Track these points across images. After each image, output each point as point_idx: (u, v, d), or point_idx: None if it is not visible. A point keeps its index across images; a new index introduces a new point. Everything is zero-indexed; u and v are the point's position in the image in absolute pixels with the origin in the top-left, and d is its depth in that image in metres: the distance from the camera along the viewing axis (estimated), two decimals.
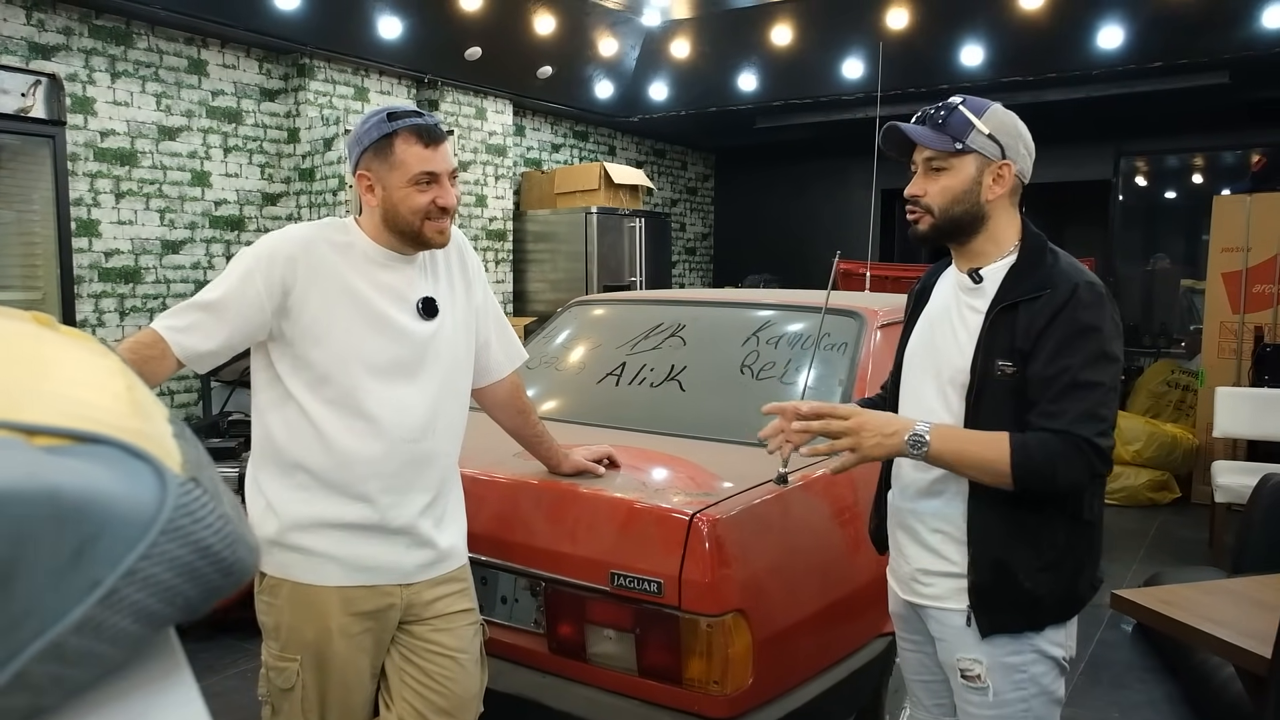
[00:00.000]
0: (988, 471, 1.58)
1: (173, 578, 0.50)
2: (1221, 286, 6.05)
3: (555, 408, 2.89)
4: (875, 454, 1.62)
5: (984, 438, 1.59)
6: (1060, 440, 1.55)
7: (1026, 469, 1.55)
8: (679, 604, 1.87)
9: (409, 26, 5.80)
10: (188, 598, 0.51)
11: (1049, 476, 1.55)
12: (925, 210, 1.71)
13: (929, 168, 1.70)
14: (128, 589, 0.48)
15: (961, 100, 1.70)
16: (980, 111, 1.68)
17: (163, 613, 0.50)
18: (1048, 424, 1.57)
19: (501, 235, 6.90)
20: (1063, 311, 1.60)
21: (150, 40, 5.04)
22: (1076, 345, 1.58)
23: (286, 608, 1.82)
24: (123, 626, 0.48)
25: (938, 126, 1.68)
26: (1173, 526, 5.58)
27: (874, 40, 6.04)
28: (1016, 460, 1.55)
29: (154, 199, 5.12)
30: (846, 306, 2.79)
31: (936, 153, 1.68)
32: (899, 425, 1.62)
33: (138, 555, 0.48)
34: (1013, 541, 1.64)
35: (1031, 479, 1.56)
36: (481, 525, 2.13)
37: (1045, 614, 1.66)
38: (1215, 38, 5.59)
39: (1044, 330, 1.60)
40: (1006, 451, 1.55)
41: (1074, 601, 1.68)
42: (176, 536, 0.50)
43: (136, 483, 0.50)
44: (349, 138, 1.83)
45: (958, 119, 1.67)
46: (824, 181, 8.73)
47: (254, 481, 1.87)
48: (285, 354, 1.80)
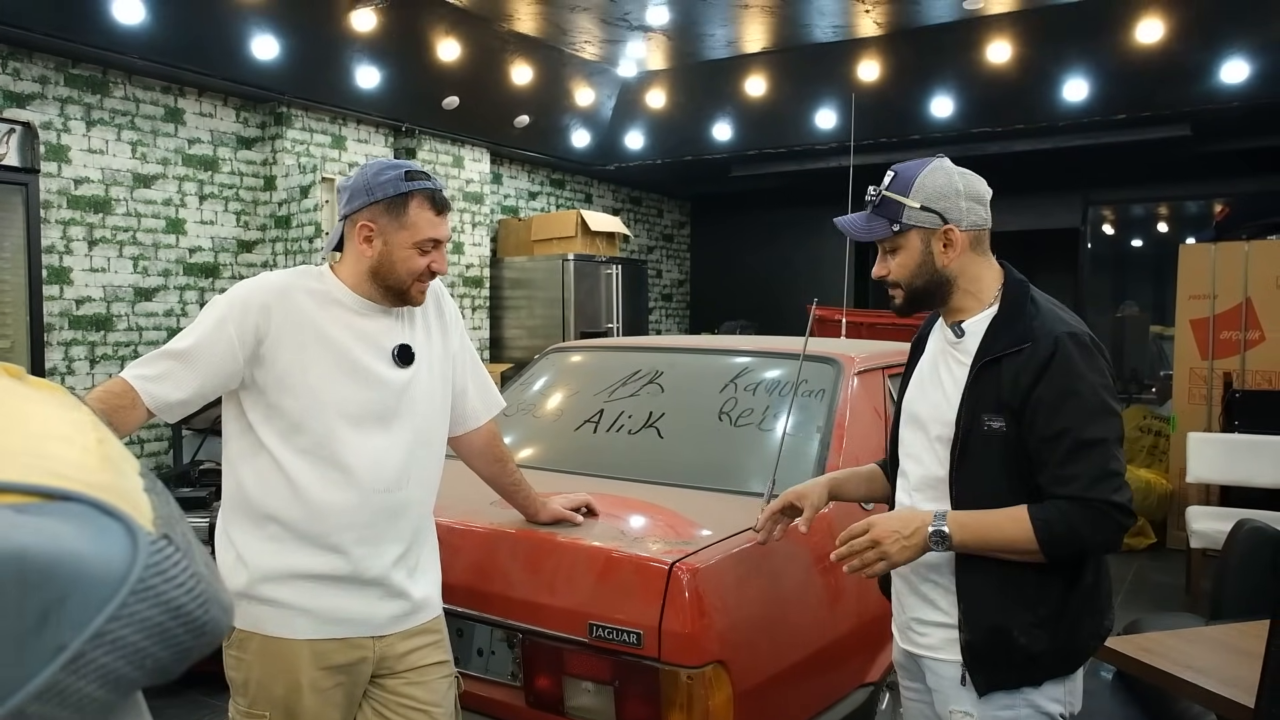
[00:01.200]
0: (1016, 552, 1.59)
1: (142, 640, 0.48)
2: (1190, 333, 6.15)
3: (533, 455, 2.86)
4: (904, 558, 1.63)
5: (1003, 518, 1.59)
6: (1080, 507, 1.54)
7: (1054, 543, 1.55)
8: (659, 655, 1.84)
9: (386, 76, 5.85)
10: (158, 660, 0.49)
11: (1078, 544, 1.56)
12: (895, 286, 1.76)
13: (884, 249, 1.76)
14: (95, 652, 0.46)
15: (890, 180, 1.72)
16: (907, 188, 1.69)
17: (130, 676, 0.48)
18: (1062, 490, 1.56)
19: (478, 282, 6.90)
20: (1049, 368, 1.59)
21: (127, 89, 5.05)
22: (1072, 404, 1.57)
23: (256, 662, 1.78)
24: (88, 692, 0.46)
25: (876, 209, 1.73)
26: (1149, 572, 5.59)
27: (846, 91, 6.16)
28: (1042, 538, 1.55)
29: (127, 246, 5.08)
30: (824, 353, 2.80)
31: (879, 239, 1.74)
32: (915, 524, 1.63)
33: (106, 617, 0.46)
34: (1006, 597, 1.62)
35: (1061, 550, 1.57)
36: (457, 575, 2.09)
37: (1043, 670, 1.63)
38: (1176, 91, 5.76)
39: (1032, 388, 1.59)
40: (1029, 529, 1.55)
41: (1075, 655, 1.65)
42: (147, 597, 0.48)
43: (106, 541, 0.48)
44: (351, 183, 1.82)
45: (888, 204, 1.71)
46: (799, 229, 8.84)
47: (224, 533, 1.84)
48: (258, 403, 1.78)
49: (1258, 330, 5.90)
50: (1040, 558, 1.57)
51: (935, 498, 1.69)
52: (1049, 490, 1.57)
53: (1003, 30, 6.00)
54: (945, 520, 1.59)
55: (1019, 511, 1.57)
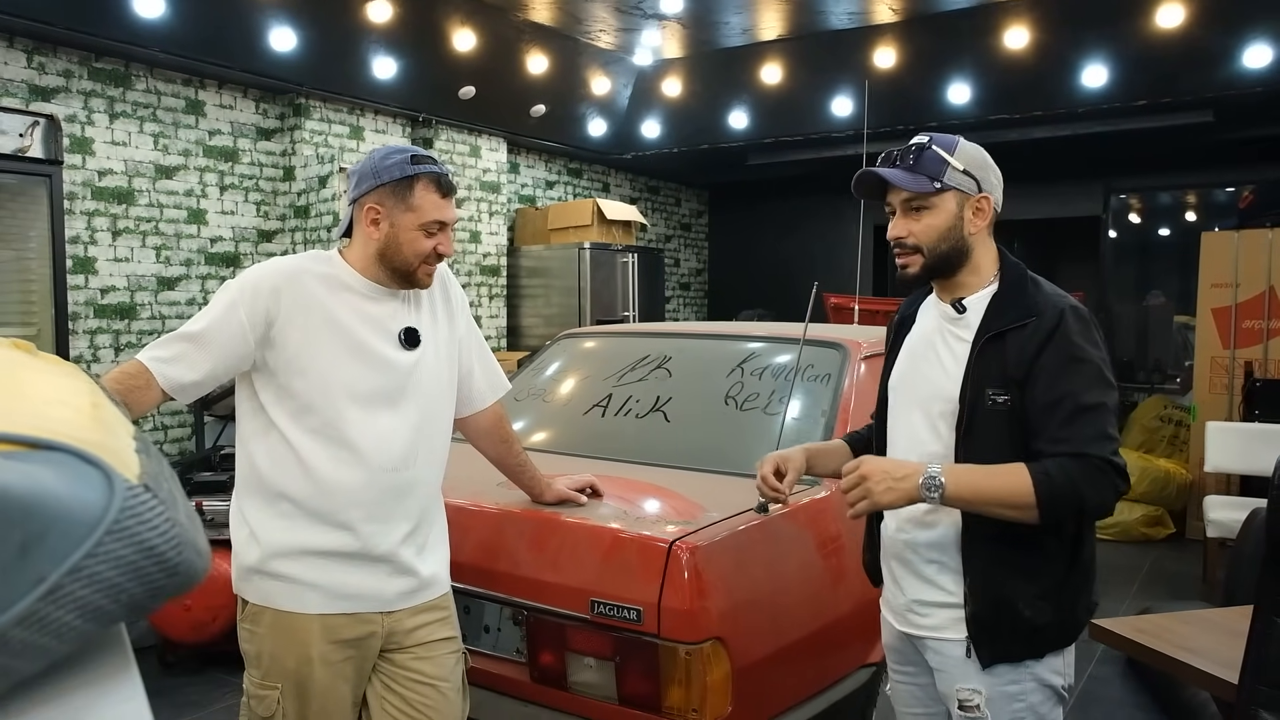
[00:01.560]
0: (1011, 506, 1.55)
1: (117, 576, 0.52)
2: (1212, 322, 6.09)
3: (542, 439, 2.91)
4: (887, 499, 1.59)
5: (999, 472, 1.57)
6: (1079, 463, 1.54)
7: (1052, 497, 1.53)
8: (658, 632, 1.88)
9: (403, 66, 5.90)
10: (132, 595, 0.53)
11: (1076, 501, 1.54)
12: (914, 251, 1.71)
13: (909, 208, 1.71)
14: (73, 585, 0.50)
15: (929, 139, 1.71)
16: (951, 148, 1.70)
17: (108, 609, 0.53)
18: (1060, 449, 1.56)
19: (495, 271, 6.95)
20: (1054, 337, 1.61)
21: (149, 82, 5.13)
22: (1074, 370, 1.59)
23: (268, 635, 1.83)
24: (67, 621, 0.51)
25: (910, 168, 1.69)
26: (1167, 562, 5.56)
27: (861, 79, 6.14)
28: (1041, 492, 1.52)
29: (150, 236, 5.17)
30: (830, 338, 2.82)
31: (916, 194, 1.69)
32: (908, 469, 1.59)
33: (83, 553, 0.50)
34: (1010, 570, 1.64)
35: (1059, 506, 1.54)
36: (465, 554, 2.14)
37: (1046, 641, 1.66)
38: (1197, 77, 5.69)
39: (1036, 357, 1.61)
40: (1028, 483, 1.53)
41: (1073, 627, 1.68)
42: (122, 537, 0.52)
43: (85, 486, 0.52)
44: (359, 167, 1.86)
45: (931, 158, 1.68)
46: (816, 217, 8.82)
47: (238, 510, 1.89)
48: (269, 384, 1.83)
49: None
50: (1034, 516, 1.54)
51: None
52: (1046, 450, 1.57)
53: (1020, 15, 5.95)
54: (940, 468, 1.57)
55: (1017, 466, 1.56)
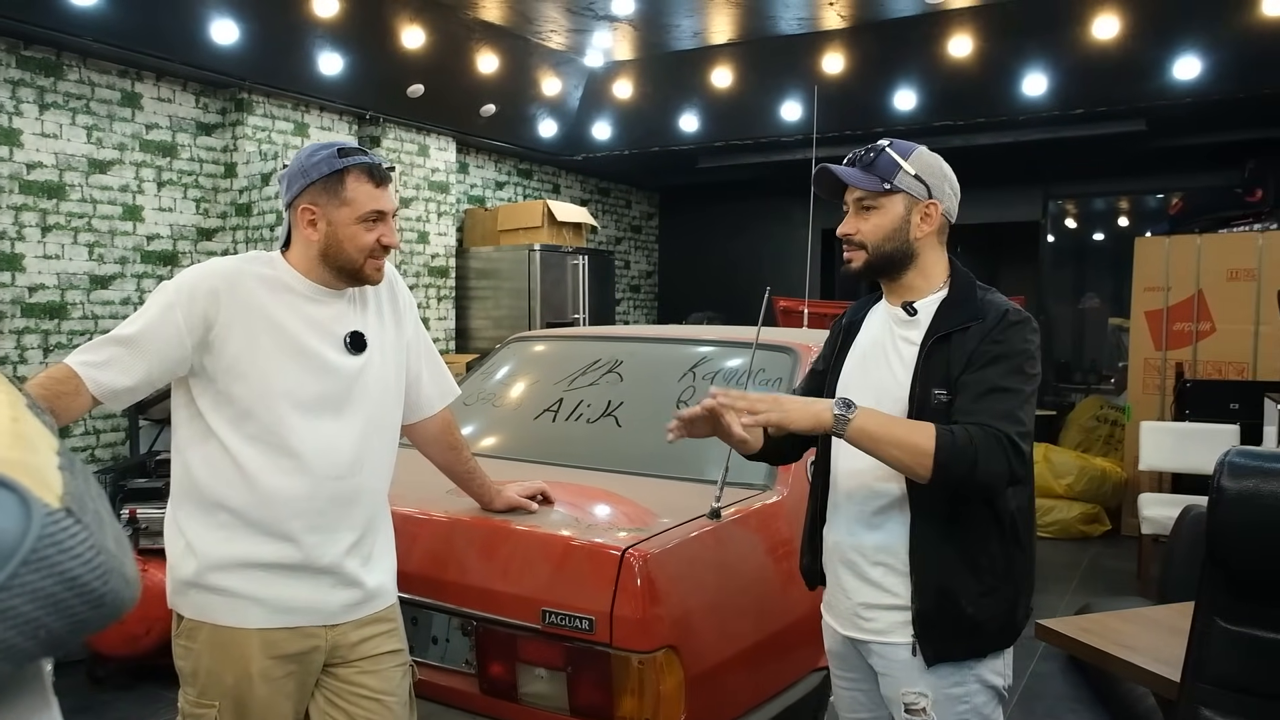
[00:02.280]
0: (909, 450, 1.58)
1: (34, 610, 0.48)
2: (1145, 324, 6.27)
3: (492, 444, 2.87)
4: (797, 417, 1.60)
5: (907, 421, 1.63)
6: (981, 431, 1.58)
7: (949, 452, 1.56)
8: (610, 641, 1.86)
9: (350, 63, 5.79)
10: (52, 631, 0.50)
11: (969, 464, 1.56)
12: (859, 247, 1.77)
13: (860, 207, 1.77)
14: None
15: (889, 143, 1.77)
16: (906, 154, 1.75)
17: (22, 647, 0.49)
18: (967, 419, 1.61)
19: (444, 272, 6.86)
20: (989, 335, 1.67)
21: (82, 72, 4.96)
22: (1000, 360, 1.65)
23: (205, 651, 1.76)
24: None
25: (867, 167, 1.75)
26: (1104, 558, 5.71)
27: (811, 84, 6.19)
28: (941, 443, 1.56)
29: (83, 233, 5.00)
30: (781, 342, 2.83)
31: (866, 192, 1.75)
32: (821, 400, 1.65)
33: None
34: (954, 567, 1.67)
35: (952, 464, 1.56)
36: (413, 564, 2.09)
37: (987, 641, 1.69)
38: (1131, 87, 5.85)
39: (974, 351, 1.67)
40: (931, 434, 1.57)
41: (1012, 629, 1.72)
42: (41, 568, 0.49)
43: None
44: (289, 169, 1.81)
45: (885, 160, 1.74)
46: (766, 220, 8.88)
47: (173, 521, 1.82)
48: (207, 389, 1.77)
49: (1209, 322, 6.03)
50: (927, 466, 1.56)
51: (885, 476, 1.72)
52: (959, 421, 1.61)
53: (964, 24, 6.06)
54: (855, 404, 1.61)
55: (926, 424, 1.61)
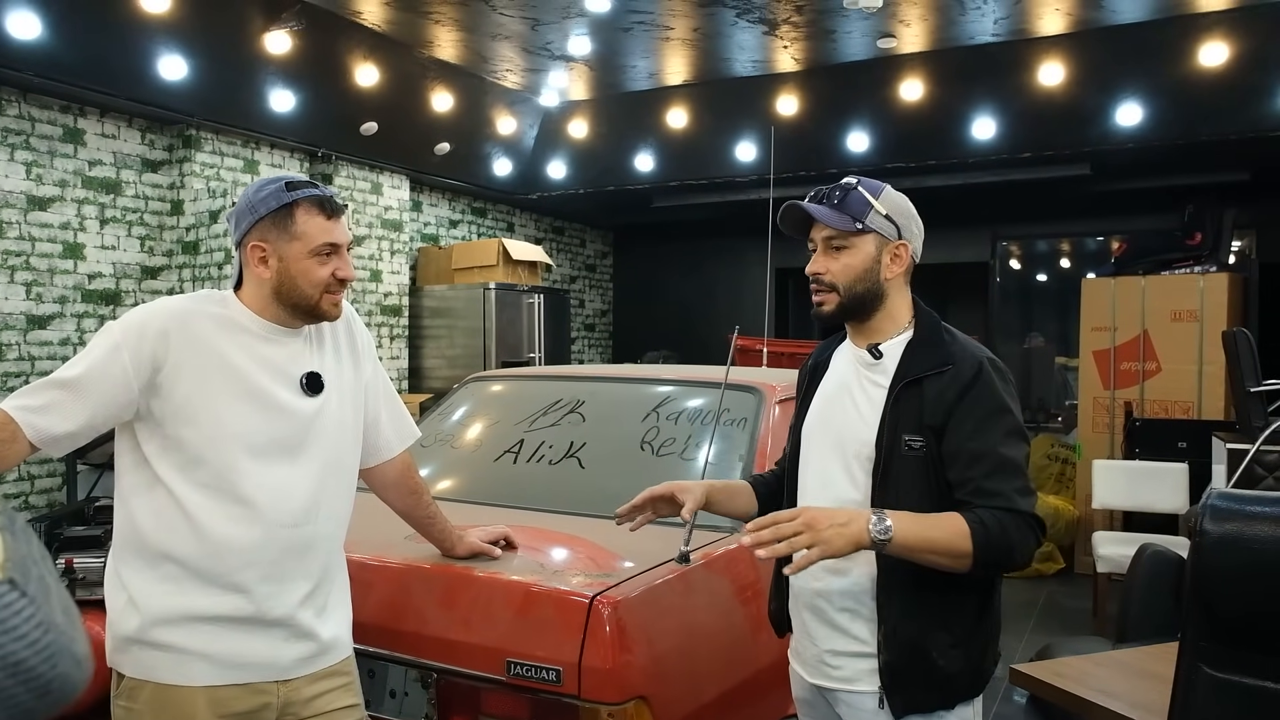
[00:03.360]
0: (949, 554, 1.55)
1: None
2: (1093, 364, 6.39)
3: (451, 487, 2.79)
4: (837, 544, 1.52)
5: (938, 520, 1.57)
6: (1012, 517, 1.56)
7: (987, 548, 1.54)
8: (579, 693, 1.79)
9: (302, 99, 5.73)
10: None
11: (1008, 552, 1.56)
12: (829, 289, 1.73)
13: (829, 246, 1.73)
14: None
15: (857, 182, 1.74)
16: (876, 193, 1.73)
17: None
18: (990, 502, 1.57)
19: (397, 311, 6.77)
20: (973, 389, 1.63)
21: (21, 107, 4.82)
22: (994, 423, 1.62)
23: (147, 712, 1.66)
24: None
25: (835, 206, 1.71)
26: (1059, 596, 5.75)
27: (766, 125, 6.27)
28: (978, 540, 1.53)
29: (20, 271, 4.83)
30: (745, 382, 2.81)
31: (837, 232, 1.71)
32: (849, 514, 1.55)
33: None
34: (924, 617, 1.63)
35: (991, 556, 1.55)
36: (369, 613, 2.01)
37: (957, 691, 1.65)
38: (1076, 132, 6.03)
39: (956, 404, 1.63)
40: (965, 532, 1.54)
41: (982, 677, 1.69)
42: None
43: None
44: (236, 207, 1.76)
45: (856, 199, 1.71)
46: (720, 260, 8.93)
47: (115, 574, 1.73)
48: (154, 434, 1.68)
49: (1154, 361, 6.17)
50: (967, 565, 1.55)
51: None
52: (975, 502, 1.58)
53: (915, 69, 6.20)
54: (886, 514, 1.54)
55: (952, 515, 1.57)
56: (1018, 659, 4.16)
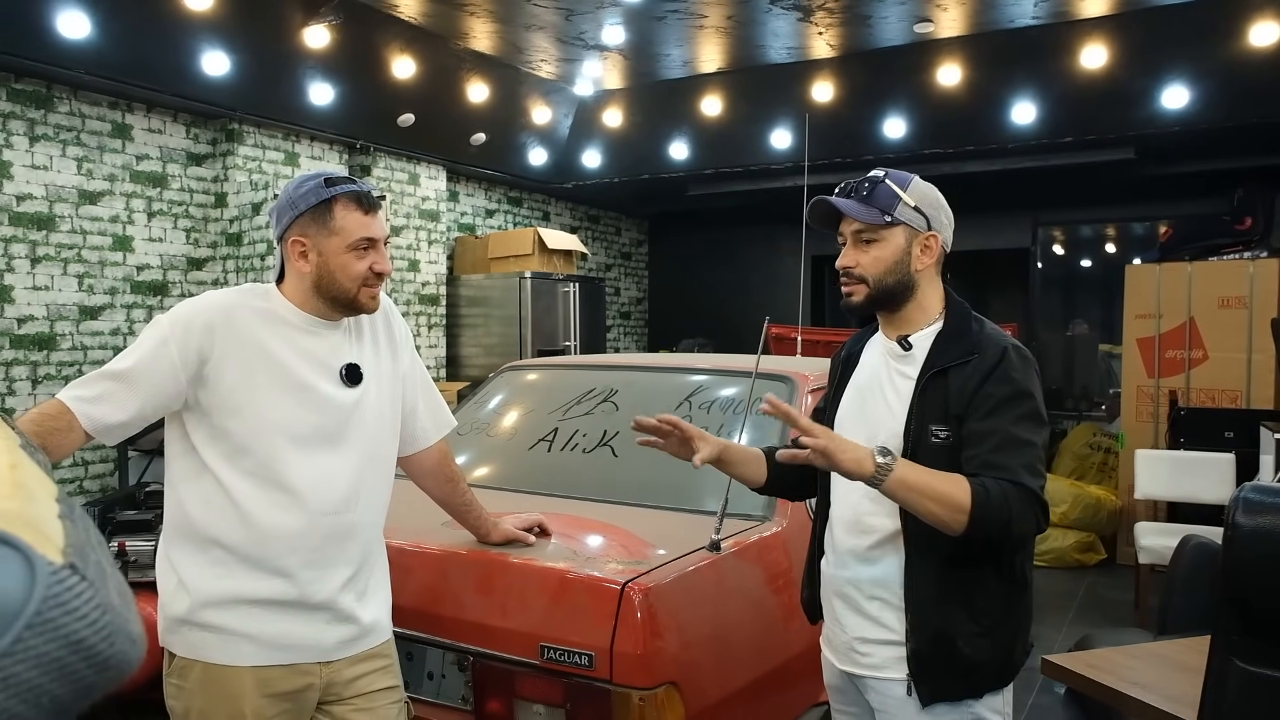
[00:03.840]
0: (946, 504, 1.53)
1: (39, 676, 0.46)
2: (1137, 352, 6.28)
3: (486, 475, 2.84)
4: (842, 458, 1.52)
5: (942, 474, 1.57)
6: (1014, 488, 1.55)
7: (984, 509, 1.52)
8: (610, 677, 1.82)
9: (341, 93, 5.80)
10: (56, 697, 0.47)
11: (1004, 521, 1.54)
12: (859, 281, 1.73)
13: (859, 239, 1.73)
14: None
15: (884, 174, 1.74)
16: (904, 185, 1.73)
17: (25, 715, 0.46)
18: (995, 474, 1.56)
19: (434, 300, 6.85)
20: (994, 373, 1.63)
21: (72, 104, 4.95)
22: (1011, 405, 1.62)
23: (197, 691, 1.73)
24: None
25: (864, 199, 1.71)
26: (1100, 587, 5.68)
27: (801, 112, 6.23)
28: (977, 499, 1.52)
29: (72, 264, 4.96)
30: (778, 371, 2.81)
31: (866, 225, 1.71)
32: (863, 447, 1.56)
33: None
34: (951, 607, 1.64)
35: (987, 521, 1.53)
36: (408, 598, 2.06)
37: (985, 680, 1.66)
38: (1120, 116, 5.91)
39: (976, 391, 1.63)
40: (966, 491, 1.53)
41: (1010, 667, 1.69)
42: (45, 631, 0.46)
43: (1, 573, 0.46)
44: (277, 203, 1.81)
45: (884, 192, 1.71)
46: (755, 247, 8.90)
47: (165, 557, 1.79)
48: (201, 424, 1.74)
49: (1201, 349, 6.05)
50: (962, 522, 1.52)
51: (882, 510, 1.70)
52: (981, 473, 1.57)
53: (953, 54, 6.12)
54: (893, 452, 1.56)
55: (958, 475, 1.57)
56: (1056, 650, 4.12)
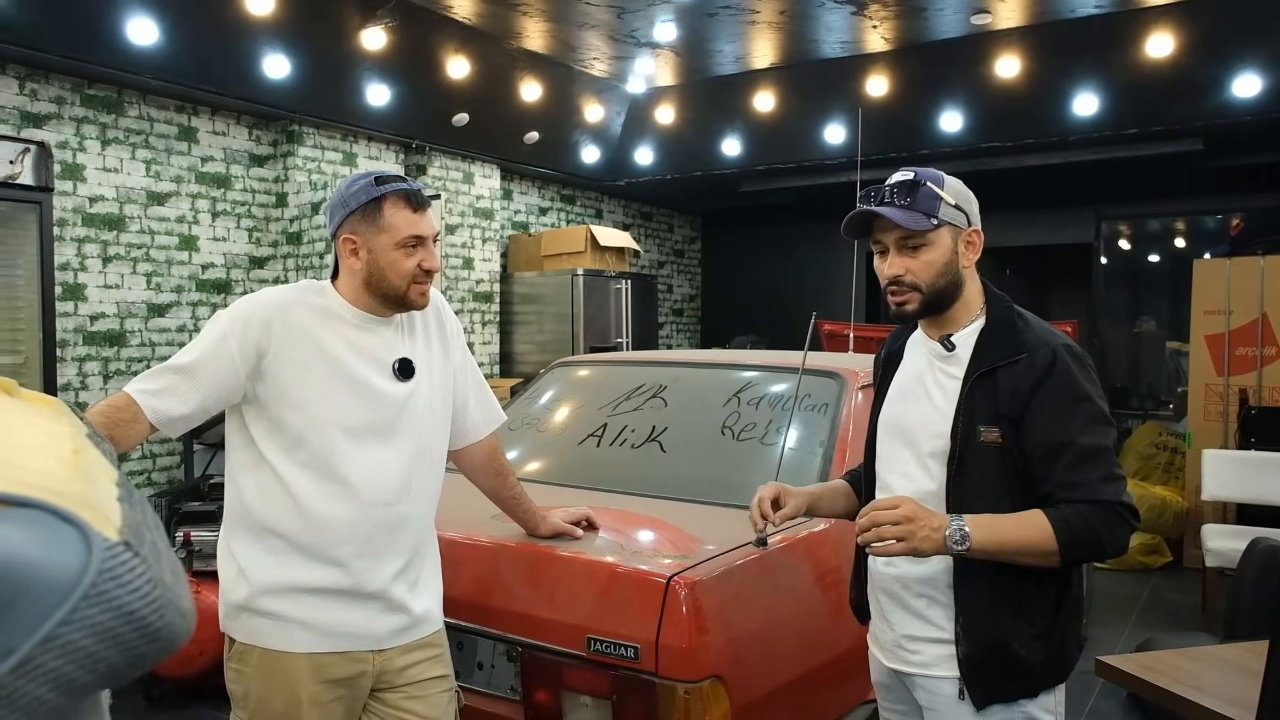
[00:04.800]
0: (1032, 554, 1.56)
1: (94, 644, 0.48)
2: (1205, 349, 6.09)
3: (536, 469, 2.87)
4: (927, 547, 1.55)
5: (1019, 521, 1.57)
6: (1096, 509, 1.54)
7: (1073, 544, 1.54)
8: (656, 670, 1.83)
9: (397, 93, 5.90)
10: (111, 664, 0.50)
11: (1095, 546, 1.55)
12: (911, 289, 1.68)
13: (904, 246, 1.67)
14: (45, 656, 0.47)
15: (917, 175, 1.68)
16: (940, 184, 1.67)
17: (82, 680, 0.49)
18: (1072, 495, 1.56)
19: (488, 297, 6.93)
20: (1050, 377, 1.60)
21: (141, 108, 5.12)
22: (1074, 411, 1.59)
23: (256, 675, 1.78)
24: (38, 694, 0.47)
25: (906, 205, 1.65)
26: (1165, 591, 5.53)
27: (854, 106, 6.16)
28: (1062, 539, 1.53)
29: (141, 263, 5.14)
30: (827, 367, 2.80)
31: (913, 231, 1.66)
32: (941, 518, 1.56)
33: (56, 621, 0.47)
34: (1002, 609, 1.61)
35: (1079, 552, 1.55)
36: (458, 589, 2.09)
37: (1039, 680, 1.64)
38: (1188, 106, 5.73)
39: (1032, 396, 1.60)
40: (1049, 531, 1.54)
41: (1064, 665, 1.67)
42: (99, 601, 0.49)
43: (60, 547, 0.49)
44: (330, 201, 1.85)
45: (925, 195, 1.65)
46: (809, 243, 8.83)
47: (225, 546, 1.85)
48: (259, 417, 1.79)
49: (1273, 346, 5.85)
50: (1054, 561, 1.55)
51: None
52: (1059, 496, 1.57)
53: (1011, 45, 5.99)
54: (964, 520, 1.55)
55: (1034, 514, 1.56)
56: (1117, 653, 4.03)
